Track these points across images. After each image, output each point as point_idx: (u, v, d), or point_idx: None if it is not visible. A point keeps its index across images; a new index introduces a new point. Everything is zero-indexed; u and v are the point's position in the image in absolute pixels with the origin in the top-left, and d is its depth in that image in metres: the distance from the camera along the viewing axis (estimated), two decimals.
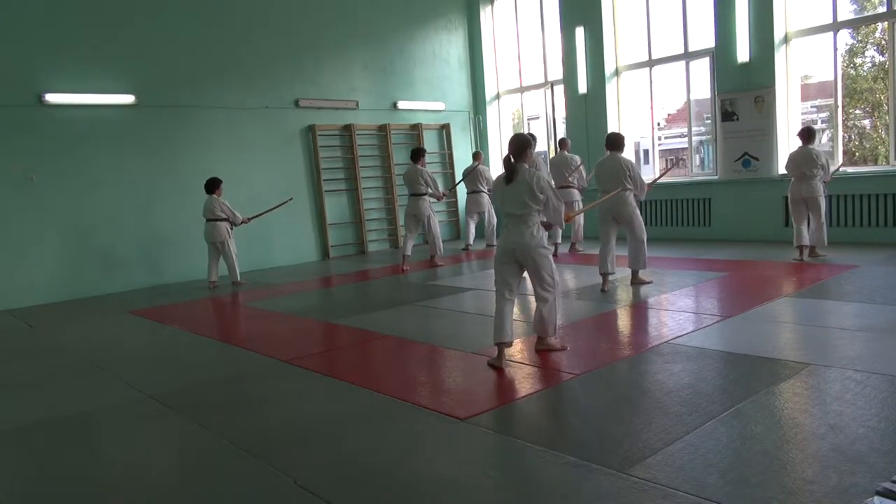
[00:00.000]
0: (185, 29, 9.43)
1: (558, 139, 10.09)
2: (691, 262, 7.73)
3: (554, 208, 4.28)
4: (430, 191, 9.07)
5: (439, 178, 12.43)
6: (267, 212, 9.14)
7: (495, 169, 11.95)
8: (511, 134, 12.12)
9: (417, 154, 9.16)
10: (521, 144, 4.31)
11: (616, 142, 6.45)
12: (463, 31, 12.79)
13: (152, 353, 5.55)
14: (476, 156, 11.08)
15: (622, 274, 7.31)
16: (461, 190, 12.08)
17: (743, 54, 8.98)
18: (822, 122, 10.64)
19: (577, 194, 9.07)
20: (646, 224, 10.57)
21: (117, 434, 3.68)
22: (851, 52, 10.41)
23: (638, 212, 6.60)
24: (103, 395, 4.33)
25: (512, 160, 4.29)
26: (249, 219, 8.87)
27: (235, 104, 9.91)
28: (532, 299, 4.79)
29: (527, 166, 4.29)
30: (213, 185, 8.61)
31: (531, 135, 7.47)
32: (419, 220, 9.13)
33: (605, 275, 6.55)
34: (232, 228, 8.75)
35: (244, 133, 10.05)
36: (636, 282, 6.62)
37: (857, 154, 10.52)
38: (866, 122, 10.79)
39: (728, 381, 3.61)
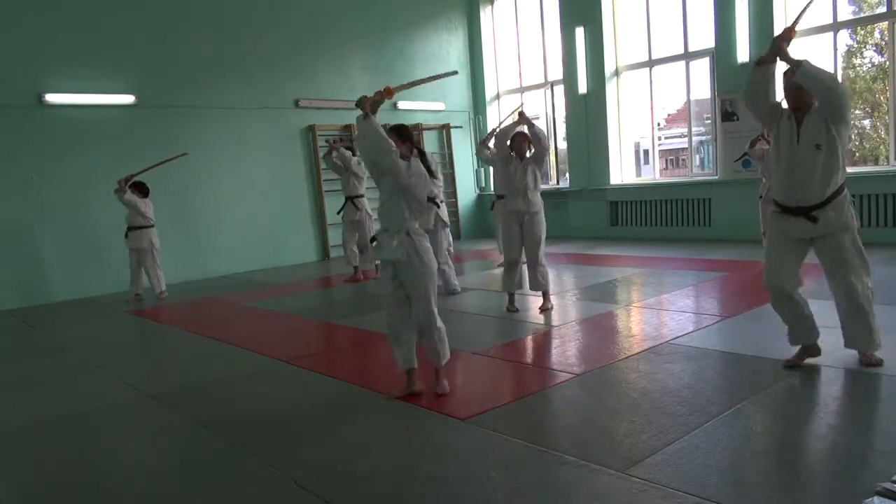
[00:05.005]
0: (186, 29, 9.43)
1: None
2: (691, 262, 7.73)
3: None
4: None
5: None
6: (155, 166, 7.99)
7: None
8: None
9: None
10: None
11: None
12: (463, 31, 12.78)
13: (152, 353, 5.55)
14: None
15: (622, 275, 7.32)
16: (463, 192, 12.07)
17: (743, 54, 8.98)
18: None
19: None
20: (646, 224, 10.71)
21: (117, 434, 3.68)
22: (850, 53, 10.39)
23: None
24: (103, 395, 4.32)
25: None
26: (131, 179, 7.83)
27: (235, 104, 9.91)
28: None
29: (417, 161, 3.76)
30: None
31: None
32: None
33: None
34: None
35: (244, 133, 10.05)
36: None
37: (857, 154, 10.52)
38: (866, 123, 10.78)
39: (728, 381, 3.61)
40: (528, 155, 5.53)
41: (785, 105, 3.65)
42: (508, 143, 5.57)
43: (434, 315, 3.68)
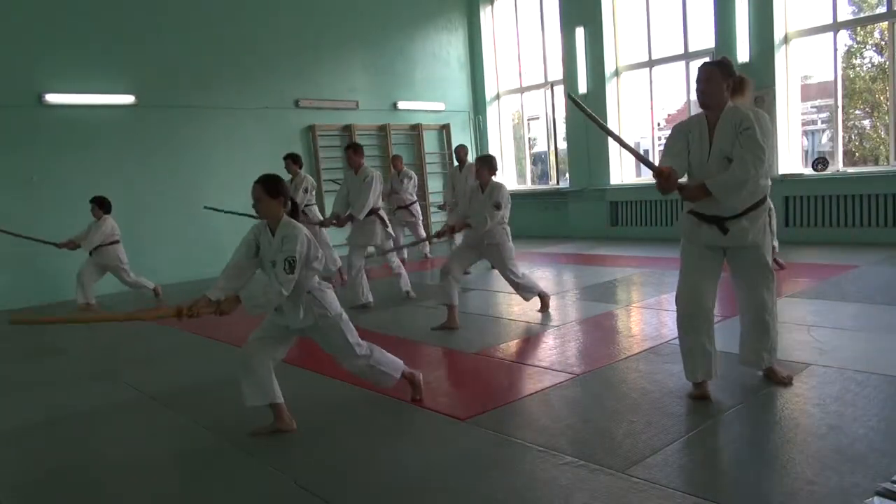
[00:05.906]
0: (185, 29, 9.43)
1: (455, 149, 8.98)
2: None
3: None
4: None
5: (438, 178, 12.44)
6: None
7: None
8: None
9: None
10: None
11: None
12: (463, 31, 12.79)
13: (151, 353, 5.54)
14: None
15: (622, 274, 7.32)
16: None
17: (743, 54, 8.97)
18: (823, 122, 10.62)
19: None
20: (646, 224, 10.70)
21: (117, 434, 3.68)
22: (850, 53, 10.39)
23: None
24: (103, 396, 4.33)
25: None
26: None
27: (235, 104, 9.91)
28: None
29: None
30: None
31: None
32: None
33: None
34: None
35: (244, 133, 10.05)
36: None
37: (857, 154, 10.52)
38: (866, 123, 10.78)
39: (728, 381, 3.60)
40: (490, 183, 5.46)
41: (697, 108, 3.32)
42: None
43: (361, 357, 3.46)
